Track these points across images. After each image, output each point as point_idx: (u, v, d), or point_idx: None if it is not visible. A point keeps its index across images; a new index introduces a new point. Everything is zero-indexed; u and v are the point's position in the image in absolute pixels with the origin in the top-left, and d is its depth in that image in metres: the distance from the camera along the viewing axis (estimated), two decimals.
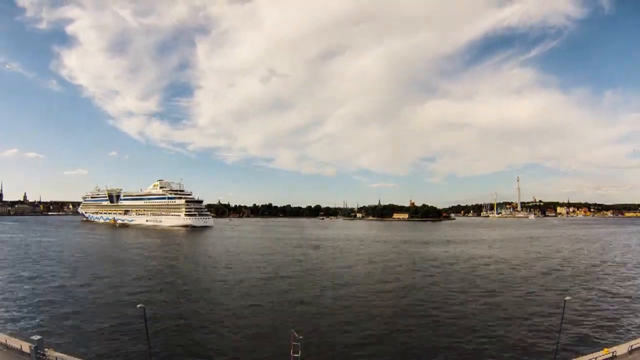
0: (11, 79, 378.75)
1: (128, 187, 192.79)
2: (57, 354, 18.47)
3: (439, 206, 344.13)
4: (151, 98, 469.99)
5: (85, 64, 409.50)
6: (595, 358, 18.60)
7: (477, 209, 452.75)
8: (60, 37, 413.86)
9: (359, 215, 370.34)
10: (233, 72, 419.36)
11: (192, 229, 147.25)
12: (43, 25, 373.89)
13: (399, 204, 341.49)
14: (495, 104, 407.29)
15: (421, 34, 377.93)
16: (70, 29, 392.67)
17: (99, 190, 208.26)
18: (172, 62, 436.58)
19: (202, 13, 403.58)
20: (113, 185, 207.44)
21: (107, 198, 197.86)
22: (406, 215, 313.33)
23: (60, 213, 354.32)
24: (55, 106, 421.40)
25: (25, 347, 18.39)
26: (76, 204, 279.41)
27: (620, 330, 25.57)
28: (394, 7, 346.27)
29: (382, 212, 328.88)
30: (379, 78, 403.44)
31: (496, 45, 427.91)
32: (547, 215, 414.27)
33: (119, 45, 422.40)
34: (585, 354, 19.55)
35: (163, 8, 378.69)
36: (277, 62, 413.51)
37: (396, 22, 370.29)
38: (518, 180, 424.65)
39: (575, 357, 19.28)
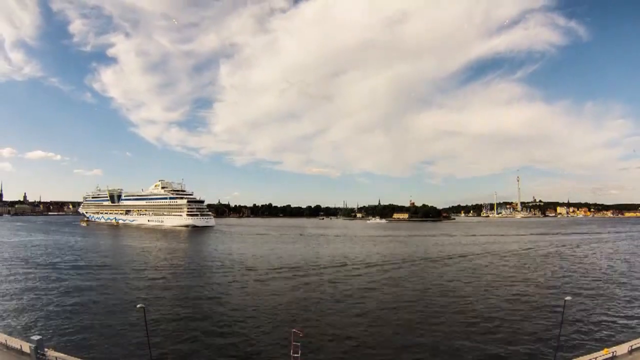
0: (48, 91, 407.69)
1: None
2: (57, 354, 18.46)
3: (439, 206, 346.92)
4: (178, 110, 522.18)
5: (119, 80, 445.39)
6: (595, 358, 18.56)
7: (477, 209, 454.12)
8: (101, 57, 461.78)
9: (359, 215, 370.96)
10: (250, 89, 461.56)
11: (194, 228, 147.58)
12: (87, 49, 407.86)
13: (399, 204, 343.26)
14: (487, 114, 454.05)
15: (422, 61, 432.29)
16: (111, 51, 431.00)
17: (99, 190, 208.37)
18: (201, 81, 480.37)
19: (228, 41, 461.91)
20: (117, 185, 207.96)
21: (108, 198, 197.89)
22: (406, 215, 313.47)
23: (60, 213, 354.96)
24: (84, 115, 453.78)
25: (25, 347, 18.38)
26: (76, 204, 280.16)
27: (620, 330, 25.52)
28: (400, 38, 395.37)
29: (382, 212, 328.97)
30: (383, 94, 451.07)
31: (487, 67, 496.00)
32: (547, 215, 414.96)
33: (155, 65, 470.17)
34: (585, 354, 19.52)
35: (199, 37, 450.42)
36: (290, 81, 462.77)
37: (401, 50, 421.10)
38: (518, 180, 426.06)
39: (575, 357, 19.26)
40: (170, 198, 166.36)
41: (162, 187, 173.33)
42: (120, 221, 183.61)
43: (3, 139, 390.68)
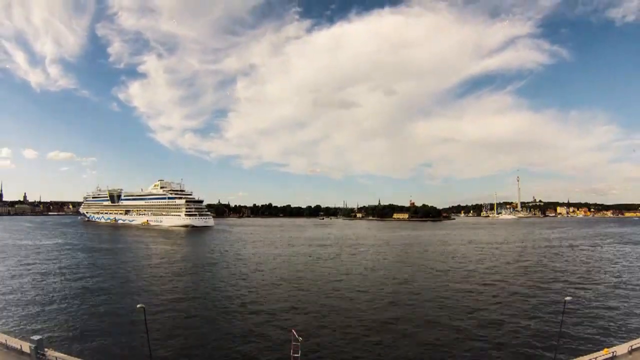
0: (78, 100, 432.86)
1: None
2: (57, 354, 18.43)
3: (440, 206, 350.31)
4: (197, 118, 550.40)
5: (145, 92, 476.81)
6: (595, 358, 18.54)
7: (477, 209, 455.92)
8: (131, 72, 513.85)
9: (359, 215, 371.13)
10: (263, 101, 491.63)
11: (193, 228, 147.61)
12: (120, 66, 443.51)
13: (400, 205, 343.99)
14: (481, 122, 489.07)
15: (423, 79, 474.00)
16: (142, 68, 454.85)
17: (100, 190, 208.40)
18: (222, 94, 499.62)
19: (247, 62, 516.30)
20: (119, 185, 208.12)
21: (108, 198, 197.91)
22: (406, 216, 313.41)
23: (60, 213, 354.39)
24: (107, 121, 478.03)
25: (25, 347, 18.35)
26: (76, 204, 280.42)
27: (620, 330, 25.52)
28: (403, 60, 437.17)
29: (382, 212, 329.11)
30: (386, 106, 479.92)
31: (480, 83, 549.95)
32: (547, 215, 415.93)
33: (182, 81, 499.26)
34: (585, 354, 19.50)
35: (226, 59, 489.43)
36: (300, 95, 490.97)
37: (404, 71, 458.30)
38: (518, 181, 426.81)
39: (575, 357, 19.26)
40: (169, 198, 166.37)
41: (161, 187, 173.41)
42: (120, 221, 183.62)
43: (28, 140, 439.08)
